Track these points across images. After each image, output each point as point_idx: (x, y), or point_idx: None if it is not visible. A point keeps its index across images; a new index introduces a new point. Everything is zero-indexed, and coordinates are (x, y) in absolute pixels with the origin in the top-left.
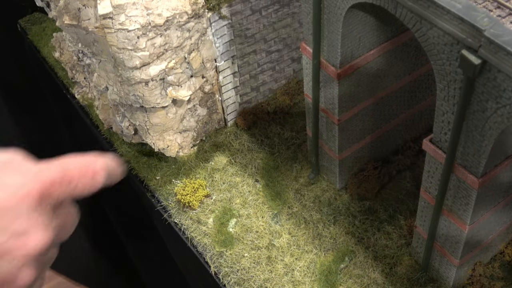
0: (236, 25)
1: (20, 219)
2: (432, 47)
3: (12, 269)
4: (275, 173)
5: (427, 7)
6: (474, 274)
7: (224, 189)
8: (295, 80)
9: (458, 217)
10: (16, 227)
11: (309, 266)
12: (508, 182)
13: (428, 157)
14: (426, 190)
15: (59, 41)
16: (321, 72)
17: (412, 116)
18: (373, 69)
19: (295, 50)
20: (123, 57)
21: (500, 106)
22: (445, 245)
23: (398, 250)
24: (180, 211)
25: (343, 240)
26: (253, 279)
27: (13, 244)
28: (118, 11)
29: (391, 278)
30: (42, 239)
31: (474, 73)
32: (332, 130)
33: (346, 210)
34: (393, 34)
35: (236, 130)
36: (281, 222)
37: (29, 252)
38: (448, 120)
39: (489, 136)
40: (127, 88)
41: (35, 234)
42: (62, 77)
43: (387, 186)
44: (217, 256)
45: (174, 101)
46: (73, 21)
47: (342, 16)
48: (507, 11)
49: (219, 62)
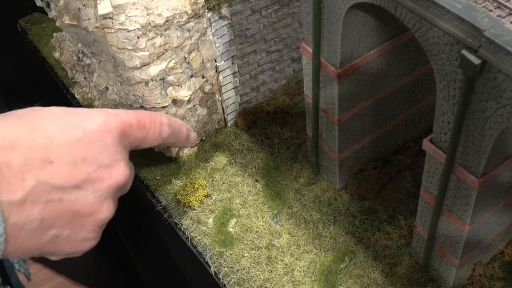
0: (236, 25)
1: (106, 152)
2: (432, 47)
3: (96, 200)
4: (275, 173)
5: (427, 7)
6: (474, 274)
7: (224, 189)
8: (295, 80)
9: (458, 217)
10: (102, 159)
11: (309, 266)
12: (508, 182)
13: (428, 157)
14: (426, 190)
15: (59, 41)
16: (321, 72)
17: (412, 116)
18: (373, 69)
19: (295, 50)
20: (123, 57)
21: (500, 106)
22: (445, 245)
23: (398, 250)
24: (180, 211)
25: (343, 240)
26: (253, 279)
27: (100, 175)
28: (118, 11)
29: (391, 278)
30: (124, 173)
31: (474, 73)
32: (332, 130)
33: (346, 210)
34: (393, 34)
35: (236, 130)
36: (281, 222)
37: (112, 184)
38: (448, 120)
39: (489, 136)
40: (127, 88)
41: (118, 168)
42: (62, 77)
43: (387, 186)
44: (217, 256)
45: (174, 101)
46: (73, 21)
47: (342, 16)
48: (507, 11)
49: (219, 62)
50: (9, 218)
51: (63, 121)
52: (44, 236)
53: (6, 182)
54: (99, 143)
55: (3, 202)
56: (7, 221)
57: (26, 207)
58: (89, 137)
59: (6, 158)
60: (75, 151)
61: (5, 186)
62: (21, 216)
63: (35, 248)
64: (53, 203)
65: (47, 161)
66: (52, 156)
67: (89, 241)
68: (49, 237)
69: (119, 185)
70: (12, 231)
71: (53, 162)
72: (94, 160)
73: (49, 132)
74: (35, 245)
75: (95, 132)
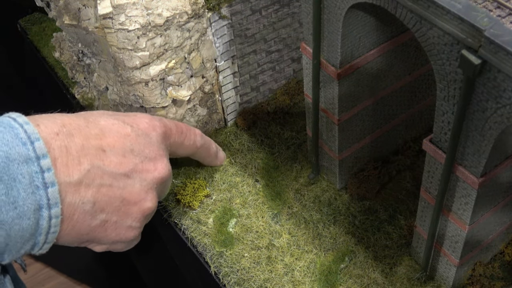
0: (236, 25)
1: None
2: (432, 47)
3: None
4: (275, 173)
5: (427, 7)
6: (474, 274)
7: (224, 189)
8: (295, 80)
9: (458, 217)
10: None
11: (309, 266)
12: (508, 182)
13: (428, 157)
14: (426, 190)
15: (59, 41)
16: (321, 72)
17: (412, 116)
18: (373, 69)
19: (295, 50)
20: (123, 57)
21: (500, 106)
22: (445, 245)
23: (398, 250)
24: (180, 211)
25: (343, 240)
26: (253, 279)
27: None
28: (118, 11)
29: (391, 278)
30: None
31: (474, 73)
32: (332, 130)
33: (346, 210)
34: (393, 34)
35: (236, 130)
36: (281, 222)
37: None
38: (448, 120)
39: (489, 136)
40: (127, 88)
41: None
42: (62, 77)
43: (387, 186)
44: (217, 256)
45: (174, 101)
46: (73, 21)
47: (342, 16)
48: (507, 11)
49: (219, 62)
50: (65, 198)
51: (113, 119)
52: (95, 220)
53: (64, 164)
54: (145, 139)
55: (61, 183)
56: (63, 201)
57: (81, 189)
58: (136, 133)
59: (65, 143)
60: (124, 143)
61: (63, 168)
62: (76, 197)
63: (86, 232)
64: (105, 188)
65: (100, 149)
66: (105, 146)
67: (133, 230)
68: (98, 221)
69: (163, 178)
70: (67, 212)
71: (105, 151)
72: (141, 152)
73: (102, 126)
74: (86, 228)
75: (141, 129)
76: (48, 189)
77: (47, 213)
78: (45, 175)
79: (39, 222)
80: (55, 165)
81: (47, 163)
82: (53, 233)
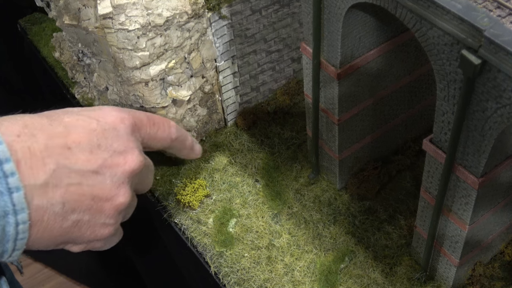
0: (236, 25)
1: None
2: (432, 47)
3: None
4: (275, 173)
5: (427, 7)
6: (474, 274)
7: (224, 189)
8: (295, 80)
9: (458, 217)
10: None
11: (309, 266)
12: (508, 182)
13: (428, 157)
14: (426, 190)
15: (59, 41)
16: (321, 72)
17: (412, 116)
18: (373, 69)
19: (295, 50)
20: (123, 57)
21: (500, 106)
22: (445, 245)
23: (398, 250)
24: (180, 211)
25: (343, 240)
26: (253, 279)
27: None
28: (118, 11)
29: (391, 278)
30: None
31: (474, 73)
32: (332, 130)
33: (346, 210)
34: (393, 34)
35: (236, 130)
36: (281, 222)
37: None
38: (448, 120)
39: (489, 136)
40: (127, 88)
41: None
42: (62, 77)
43: (387, 186)
44: (217, 256)
45: (174, 101)
46: (73, 21)
47: (342, 16)
48: (507, 11)
49: (219, 62)
50: (33, 202)
51: (78, 114)
52: (66, 221)
53: (28, 166)
54: (113, 132)
55: (27, 186)
56: (30, 204)
57: (48, 191)
58: (102, 127)
59: (27, 144)
60: (90, 139)
61: (28, 171)
62: (44, 200)
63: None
64: (73, 187)
65: (66, 147)
66: (70, 143)
67: (107, 227)
68: (70, 222)
69: (134, 170)
70: (36, 216)
71: (71, 148)
72: (108, 146)
73: (66, 123)
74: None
75: (108, 122)
76: (13, 194)
77: (13, 219)
78: (9, 180)
79: (6, 229)
80: (19, 169)
81: (10, 167)
82: (22, 239)
